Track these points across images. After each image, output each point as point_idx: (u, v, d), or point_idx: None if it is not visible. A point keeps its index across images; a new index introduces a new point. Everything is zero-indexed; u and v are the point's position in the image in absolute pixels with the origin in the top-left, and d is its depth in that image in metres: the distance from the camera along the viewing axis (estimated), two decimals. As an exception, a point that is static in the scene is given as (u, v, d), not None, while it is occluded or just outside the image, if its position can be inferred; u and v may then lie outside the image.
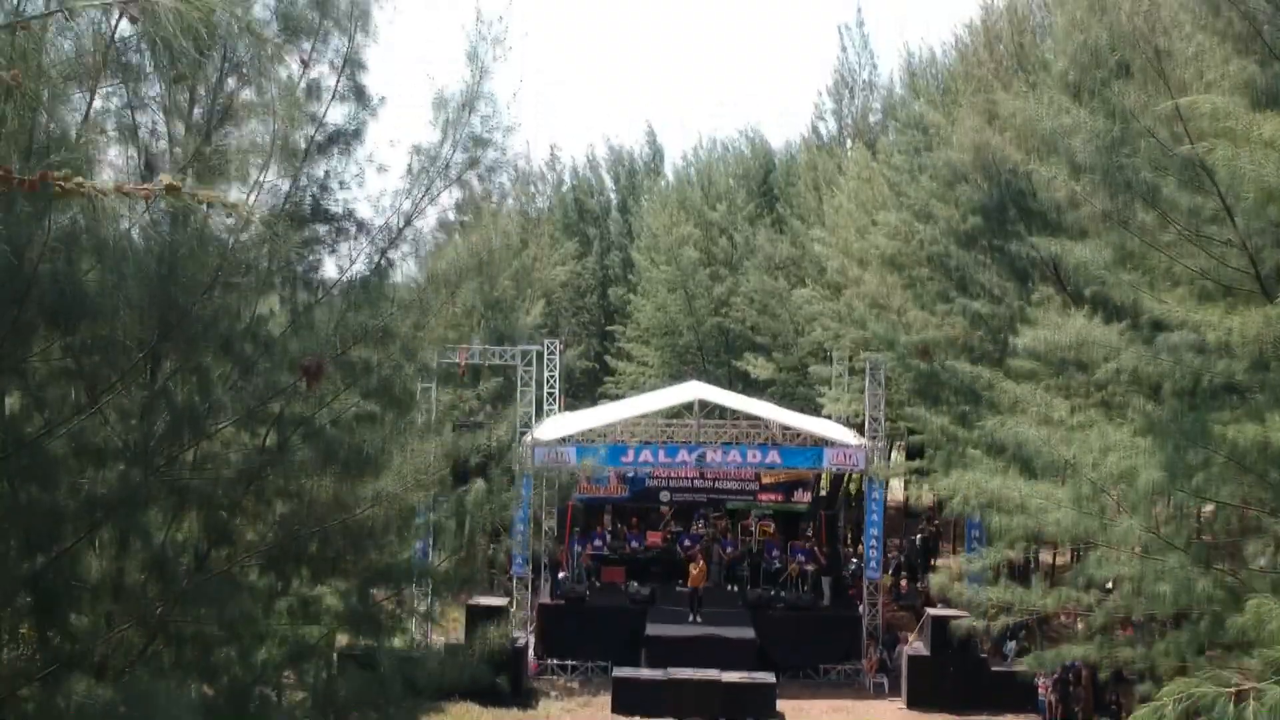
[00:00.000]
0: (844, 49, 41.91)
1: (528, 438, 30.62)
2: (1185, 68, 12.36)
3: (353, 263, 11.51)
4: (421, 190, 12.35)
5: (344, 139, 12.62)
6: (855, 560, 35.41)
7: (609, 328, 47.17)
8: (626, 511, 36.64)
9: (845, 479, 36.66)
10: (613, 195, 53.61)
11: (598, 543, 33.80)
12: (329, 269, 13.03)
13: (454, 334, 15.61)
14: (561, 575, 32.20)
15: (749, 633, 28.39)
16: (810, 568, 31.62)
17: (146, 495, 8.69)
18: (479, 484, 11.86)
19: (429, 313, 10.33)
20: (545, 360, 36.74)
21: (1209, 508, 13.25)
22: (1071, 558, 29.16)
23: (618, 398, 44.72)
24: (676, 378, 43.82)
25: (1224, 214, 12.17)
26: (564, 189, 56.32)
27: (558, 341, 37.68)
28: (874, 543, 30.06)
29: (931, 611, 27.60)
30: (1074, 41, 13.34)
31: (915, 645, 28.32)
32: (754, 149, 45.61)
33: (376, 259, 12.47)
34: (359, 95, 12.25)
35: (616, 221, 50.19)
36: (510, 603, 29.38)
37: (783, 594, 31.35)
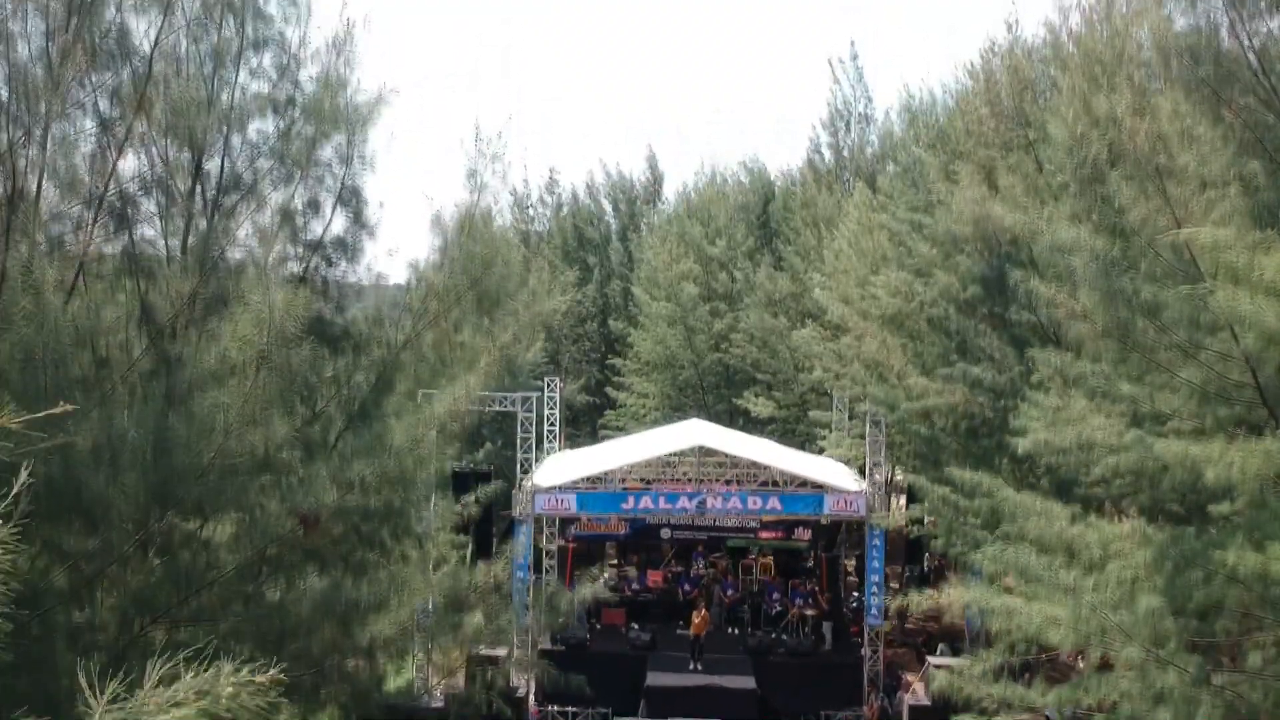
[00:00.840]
0: (837, 82, 41.88)
1: (528, 483, 30.61)
2: (1186, 183, 12.32)
3: (350, 397, 11.54)
4: (419, 314, 12.38)
5: (344, 251, 12.69)
6: (856, 594, 35.37)
7: (609, 360, 47.13)
8: (627, 549, 36.63)
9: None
10: (612, 222, 53.58)
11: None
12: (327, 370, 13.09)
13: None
14: (561, 619, 32.12)
15: (749, 682, 28.36)
16: (811, 613, 31.60)
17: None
18: (478, 618, 11.84)
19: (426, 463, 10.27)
20: (545, 398, 36.80)
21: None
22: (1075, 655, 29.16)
23: (619, 429, 44.73)
24: (677, 409, 43.81)
25: (1224, 326, 12.12)
26: (563, 213, 56.31)
27: (558, 379, 37.74)
28: (874, 589, 30.04)
29: (933, 660, 27.59)
30: (1074, 157, 13.28)
31: (916, 692, 28.32)
32: (753, 178, 45.59)
33: (374, 380, 12.50)
34: (357, 218, 12.29)
35: (617, 250, 50.17)
36: (510, 650, 29.37)
37: (784, 638, 31.35)
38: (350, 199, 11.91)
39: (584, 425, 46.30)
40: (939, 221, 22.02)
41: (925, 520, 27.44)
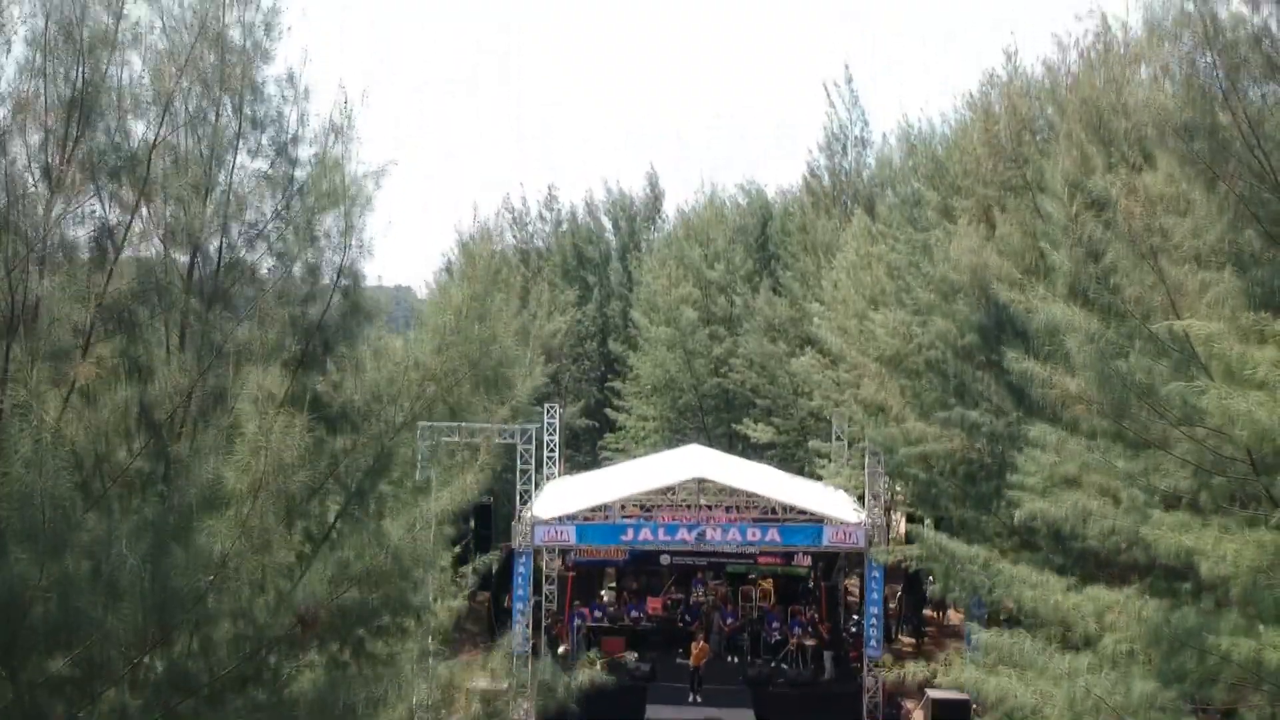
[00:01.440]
0: (832, 105, 41.93)
1: (527, 514, 30.69)
2: (1181, 263, 12.37)
3: (348, 480, 11.58)
4: (416, 397, 12.43)
5: (343, 334, 12.74)
6: (856, 617, 35.38)
7: (609, 383, 47.21)
8: (626, 575, 36.68)
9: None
10: (612, 239, 53.65)
11: (598, 613, 33.80)
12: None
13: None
14: (562, 649, 32.22)
15: (749, 715, 28.44)
16: (811, 642, 31.67)
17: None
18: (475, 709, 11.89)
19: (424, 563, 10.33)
20: (545, 424, 36.86)
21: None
22: None
23: (619, 450, 44.77)
24: (677, 431, 43.84)
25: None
26: (562, 229, 56.36)
27: (557, 406, 37.79)
28: (874, 620, 30.11)
29: (932, 693, 27.64)
30: (1070, 236, 13.33)
31: (916, 723, 28.43)
32: (750, 199, 45.69)
33: (371, 463, 12.54)
34: (355, 303, 12.34)
35: (616, 271, 50.25)
36: (511, 683, 29.41)
37: (784, 667, 31.45)
38: (349, 283, 11.93)
39: (584, 446, 46.36)
40: (936, 266, 22.06)
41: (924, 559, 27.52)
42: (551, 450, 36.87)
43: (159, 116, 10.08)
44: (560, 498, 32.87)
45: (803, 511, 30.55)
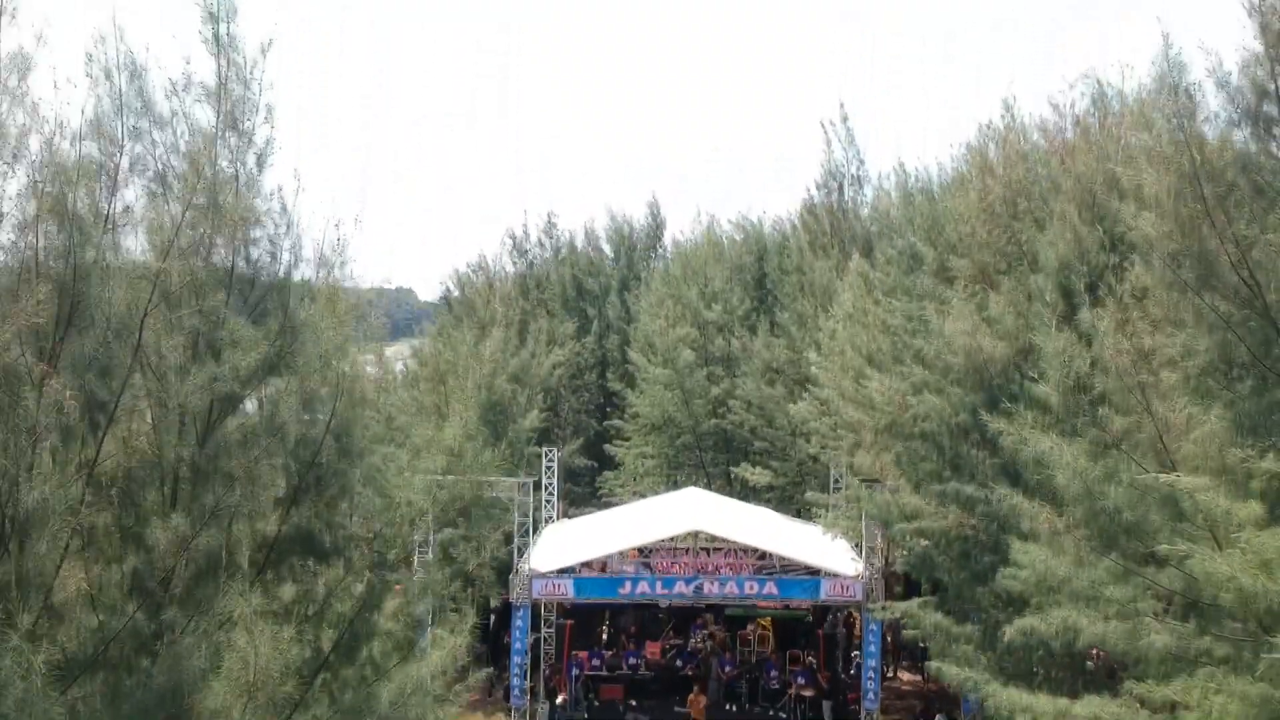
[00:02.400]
0: (829, 143, 41.96)
1: (525, 567, 30.78)
2: (1171, 397, 12.44)
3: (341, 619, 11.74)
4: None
5: (334, 479, 12.82)
6: (856, 655, 35.40)
7: (607, 421, 47.29)
8: (625, 616, 36.74)
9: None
10: (611, 268, 53.66)
11: (595, 660, 33.88)
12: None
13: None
14: (560, 699, 32.34)
15: (747, 767, 28.59)
16: (809, 693, 31.77)
17: None
18: None
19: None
20: (544, 467, 37.00)
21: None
22: None
23: (619, 486, 44.89)
24: (675, 467, 43.92)
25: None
26: (562, 256, 56.42)
27: (555, 450, 37.91)
28: (871, 674, 30.22)
29: (929, 749, 27.78)
30: (1057, 368, 13.40)
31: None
32: (747, 234, 45.73)
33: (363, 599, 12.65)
34: (346, 450, 12.42)
35: (615, 305, 50.34)
36: (509, 735, 29.62)
37: (782, 716, 31.60)
38: (340, 429, 12.01)
39: (582, 480, 46.46)
40: (930, 342, 22.14)
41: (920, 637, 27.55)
42: (550, 494, 37.03)
43: (150, 290, 10.13)
44: (558, 547, 32.95)
45: (800, 564, 30.67)
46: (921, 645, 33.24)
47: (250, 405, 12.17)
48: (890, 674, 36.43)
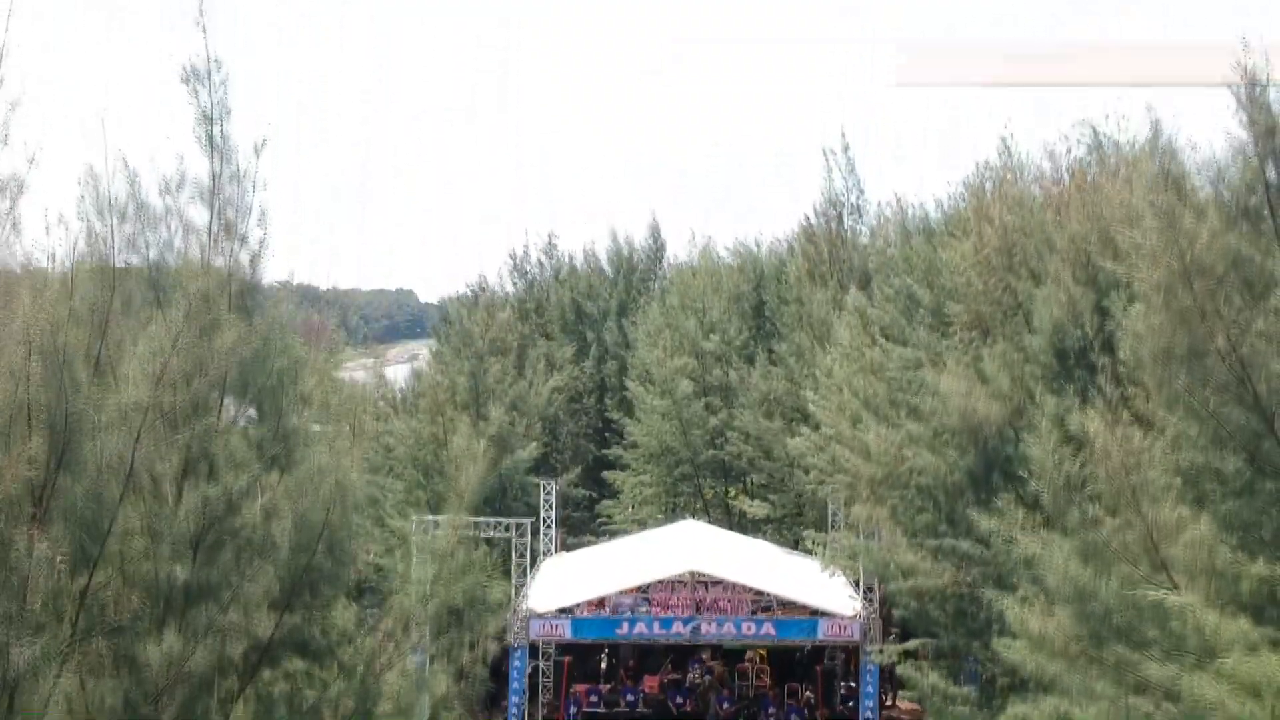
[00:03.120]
0: (829, 171, 42.00)
1: (523, 607, 30.87)
2: (1160, 501, 12.49)
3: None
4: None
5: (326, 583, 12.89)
6: (854, 685, 35.40)
7: (606, 450, 47.31)
8: (624, 652, 36.78)
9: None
10: (610, 291, 53.62)
11: (593, 697, 33.93)
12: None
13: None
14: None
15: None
16: (806, 731, 31.87)
17: None
18: None
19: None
20: (542, 500, 37.10)
21: None
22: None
23: (616, 513, 44.93)
24: (674, 495, 43.96)
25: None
26: (562, 278, 56.45)
27: (554, 483, 37.99)
28: (869, 713, 30.34)
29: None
30: (1048, 468, 13.47)
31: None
32: (743, 259, 45.75)
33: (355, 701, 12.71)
34: (339, 560, 12.49)
35: (612, 331, 50.36)
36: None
37: (779, 754, 31.71)
38: (334, 542, 12.06)
39: (580, 507, 46.49)
40: (926, 401, 22.20)
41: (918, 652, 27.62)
42: (549, 527, 37.12)
43: (143, 421, 10.18)
44: (556, 584, 33.03)
45: (798, 605, 30.78)
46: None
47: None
48: (889, 702, 36.48)
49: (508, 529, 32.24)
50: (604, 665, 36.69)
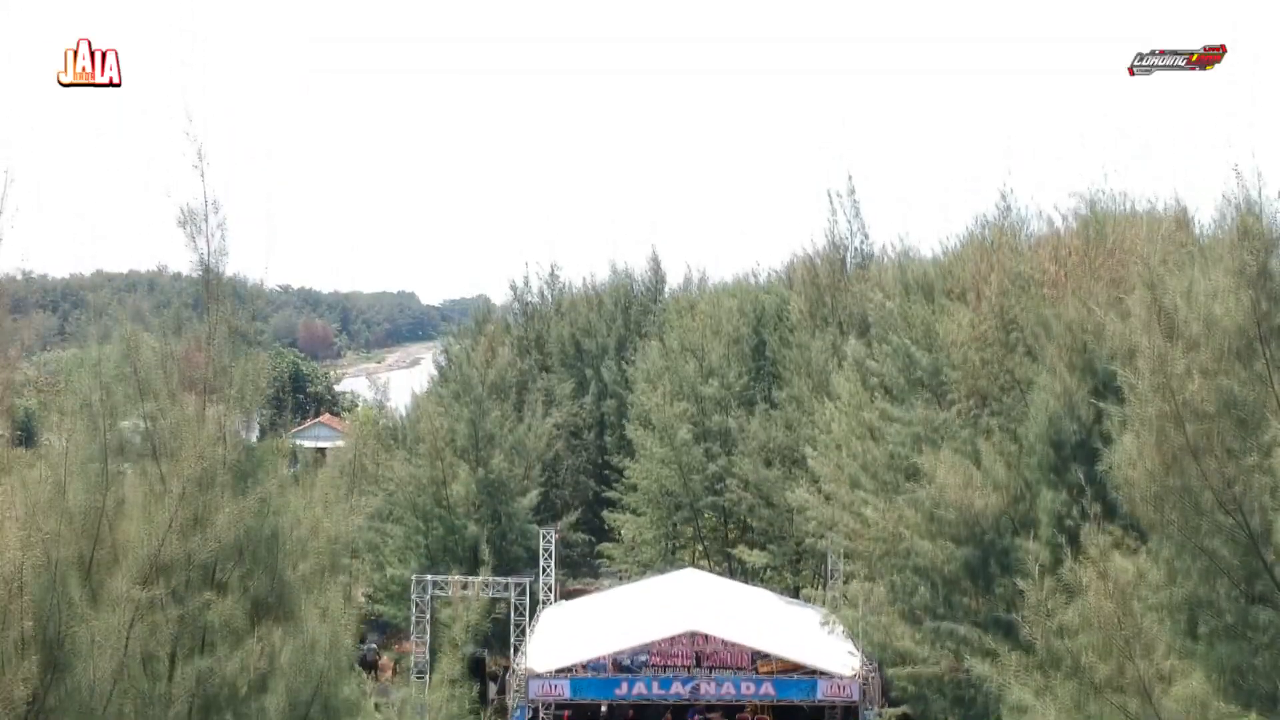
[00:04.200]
0: (834, 213, 41.94)
1: (522, 665, 30.94)
2: (1153, 651, 12.52)
3: None
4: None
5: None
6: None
7: (604, 487, 47.32)
8: (622, 708, 36.77)
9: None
10: (610, 328, 53.58)
11: (593, 757, 33.98)
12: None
13: None
14: None
15: None
16: (805, 788, 31.90)
17: None
18: None
19: None
20: (541, 549, 37.13)
21: None
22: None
23: (613, 557, 44.92)
24: (673, 538, 43.96)
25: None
26: (562, 311, 56.50)
27: (552, 531, 38.01)
28: (868, 772, 30.39)
29: None
30: (1040, 619, 13.47)
31: None
32: (743, 300, 45.70)
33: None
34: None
35: (611, 370, 50.35)
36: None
37: (778, 810, 31.73)
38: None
39: (580, 549, 46.53)
40: (923, 487, 22.22)
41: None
42: (548, 576, 37.16)
43: (136, 610, 10.22)
44: (555, 640, 33.05)
45: (798, 665, 30.84)
46: None
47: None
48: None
49: (506, 588, 32.26)
50: (604, 711, 36.72)
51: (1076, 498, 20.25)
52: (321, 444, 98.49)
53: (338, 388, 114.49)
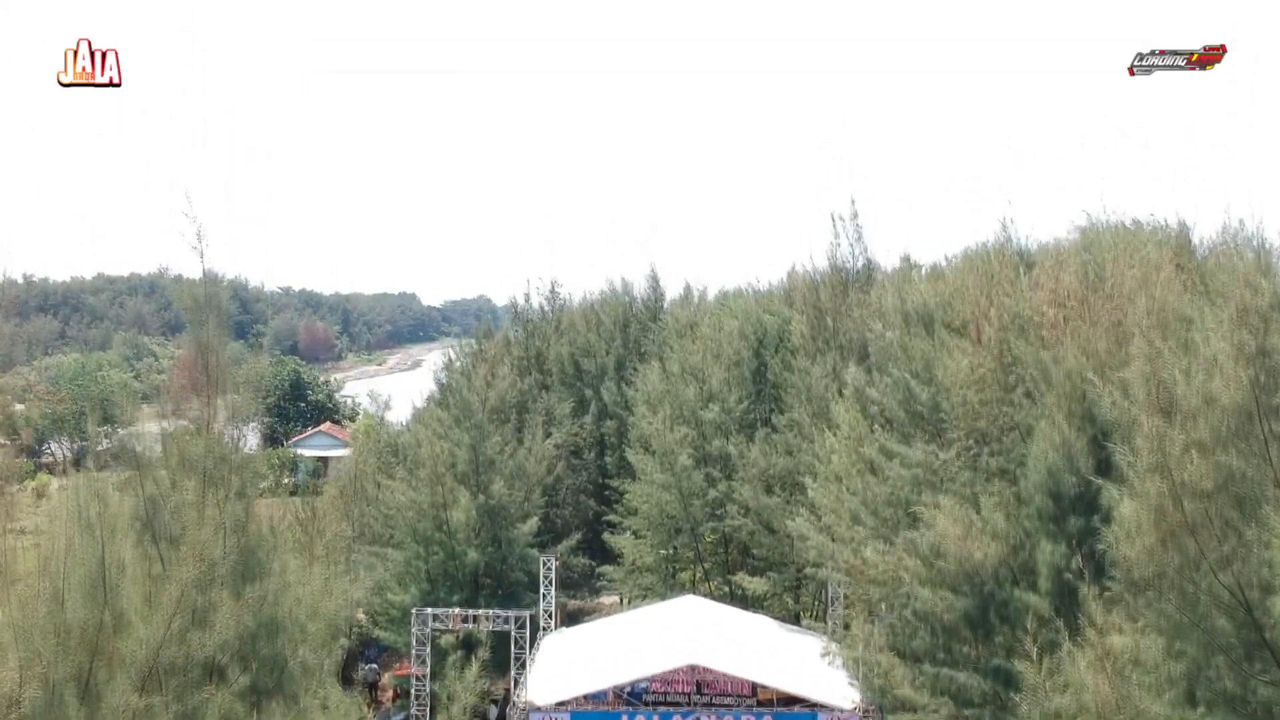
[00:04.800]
0: (836, 235, 41.94)
1: (523, 699, 30.94)
2: None
3: None
4: None
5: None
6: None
7: (604, 508, 47.36)
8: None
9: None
10: (609, 347, 53.55)
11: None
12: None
13: None
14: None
15: None
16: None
17: None
18: None
19: None
20: (541, 576, 37.17)
21: None
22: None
23: (614, 579, 44.94)
24: (674, 561, 43.93)
25: None
26: (563, 328, 56.51)
27: (553, 558, 38.06)
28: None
29: None
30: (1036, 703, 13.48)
31: None
32: (744, 320, 45.66)
33: None
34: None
35: (611, 391, 50.36)
36: None
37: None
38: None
39: (580, 569, 46.54)
40: (922, 534, 22.23)
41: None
42: (549, 604, 37.21)
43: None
44: (556, 670, 33.05)
45: (798, 698, 30.82)
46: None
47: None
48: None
49: (506, 621, 32.27)
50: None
51: (1075, 548, 20.31)
52: (323, 453, 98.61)
53: (339, 395, 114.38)
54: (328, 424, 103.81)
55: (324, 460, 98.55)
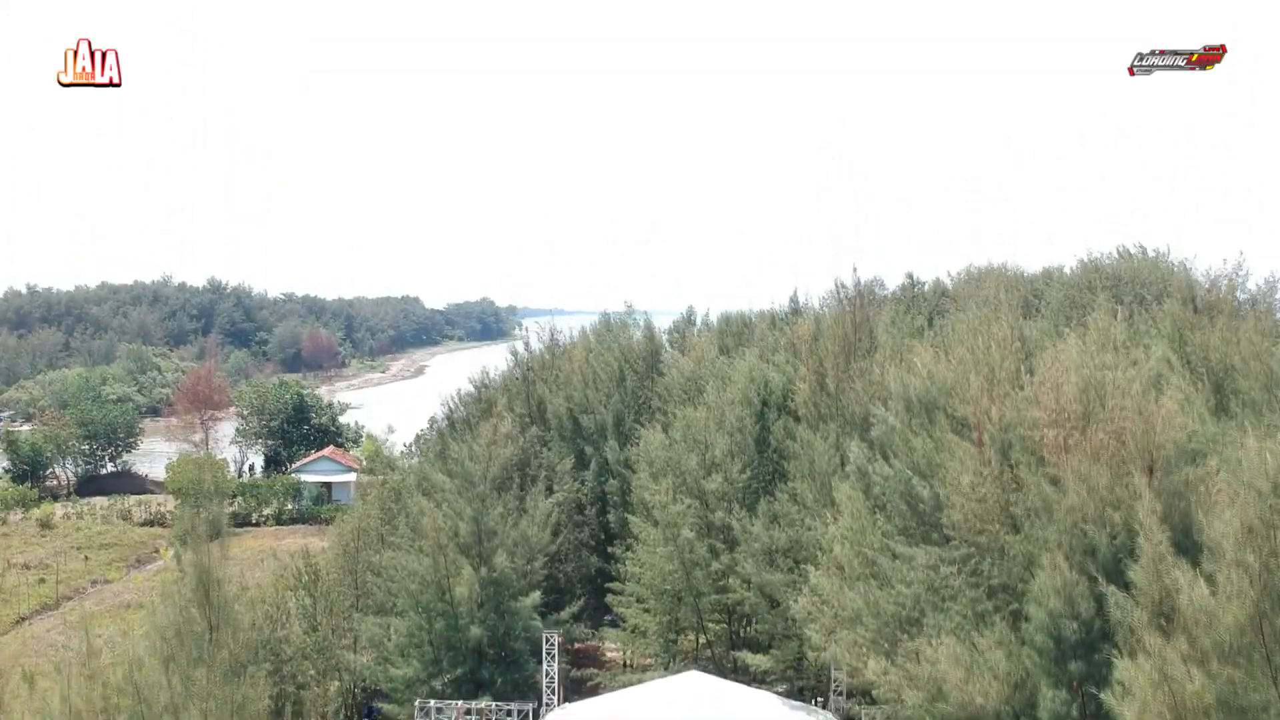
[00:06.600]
0: (840, 302, 41.91)
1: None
2: None
3: None
4: None
5: None
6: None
7: (607, 567, 47.34)
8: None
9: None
10: (607, 402, 53.36)
11: None
12: None
13: None
14: None
15: None
16: None
17: None
18: None
19: None
20: (545, 654, 37.21)
21: None
22: None
23: (615, 653, 44.91)
24: (677, 631, 43.79)
25: None
26: (560, 384, 56.39)
27: (555, 634, 38.09)
28: None
29: None
30: None
31: None
32: (748, 382, 45.58)
33: None
34: None
35: (614, 449, 50.26)
36: None
37: None
38: None
39: (583, 640, 46.54)
40: (922, 666, 22.21)
41: None
42: (551, 679, 37.26)
43: None
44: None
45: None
46: None
47: None
48: None
49: (510, 715, 32.28)
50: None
51: (1076, 692, 20.29)
52: (326, 478, 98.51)
53: (341, 419, 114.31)
54: (331, 448, 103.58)
55: (328, 486, 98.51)
